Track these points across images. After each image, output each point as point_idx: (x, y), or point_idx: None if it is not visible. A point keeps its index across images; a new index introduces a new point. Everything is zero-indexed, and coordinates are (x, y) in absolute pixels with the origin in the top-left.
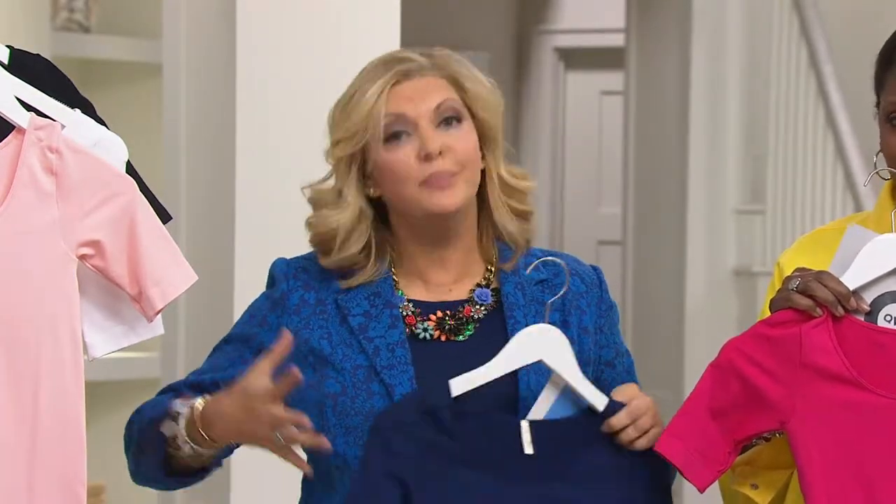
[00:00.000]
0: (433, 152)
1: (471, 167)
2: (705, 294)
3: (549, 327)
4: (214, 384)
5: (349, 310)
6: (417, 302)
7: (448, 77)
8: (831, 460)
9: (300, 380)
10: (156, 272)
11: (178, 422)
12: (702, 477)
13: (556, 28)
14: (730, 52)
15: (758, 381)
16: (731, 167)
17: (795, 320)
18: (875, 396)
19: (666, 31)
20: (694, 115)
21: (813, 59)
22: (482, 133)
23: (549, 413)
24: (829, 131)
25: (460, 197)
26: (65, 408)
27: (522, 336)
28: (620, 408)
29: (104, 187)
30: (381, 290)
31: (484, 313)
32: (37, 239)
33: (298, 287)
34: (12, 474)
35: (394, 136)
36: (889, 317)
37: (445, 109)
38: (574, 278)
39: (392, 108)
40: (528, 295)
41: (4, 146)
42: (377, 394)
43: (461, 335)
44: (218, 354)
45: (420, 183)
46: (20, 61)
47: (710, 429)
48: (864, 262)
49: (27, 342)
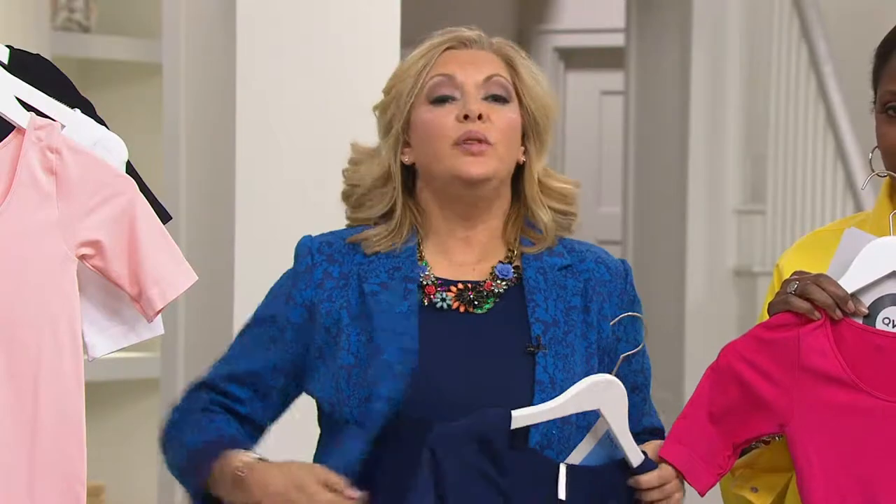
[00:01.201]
0: (473, 113)
1: (506, 145)
2: (705, 294)
3: (614, 380)
4: (251, 374)
5: (367, 277)
6: (439, 277)
7: (504, 57)
8: (830, 463)
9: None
10: (156, 272)
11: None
12: (703, 481)
13: (556, 28)
14: (730, 52)
15: (756, 385)
16: (731, 167)
17: (794, 323)
18: (873, 399)
19: (666, 31)
20: (694, 115)
21: (813, 59)
22: (527, 124)
23: (585, 459)
24: (829, 131)
25: (489, 168)
26: (65, 408)
27: (589, 382)
28: (653, 467)
29: (104, 187)
30: (403, 264)
31: (504, 288)
32: (37, 239)
33: (323, 261)
34: (13, 475)
35: (440, 100)
36: (887, 320)
37: (494, 84)
38: (600, 266)
39: (441, 69)
40: (549, 279)
41: (4, 146)
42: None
43: (480, 308)
44: (246, 338)
45: (454, 143)
46: (20, 61)
47: (710, 433)
48: (862, 265)
49: (27, 342)
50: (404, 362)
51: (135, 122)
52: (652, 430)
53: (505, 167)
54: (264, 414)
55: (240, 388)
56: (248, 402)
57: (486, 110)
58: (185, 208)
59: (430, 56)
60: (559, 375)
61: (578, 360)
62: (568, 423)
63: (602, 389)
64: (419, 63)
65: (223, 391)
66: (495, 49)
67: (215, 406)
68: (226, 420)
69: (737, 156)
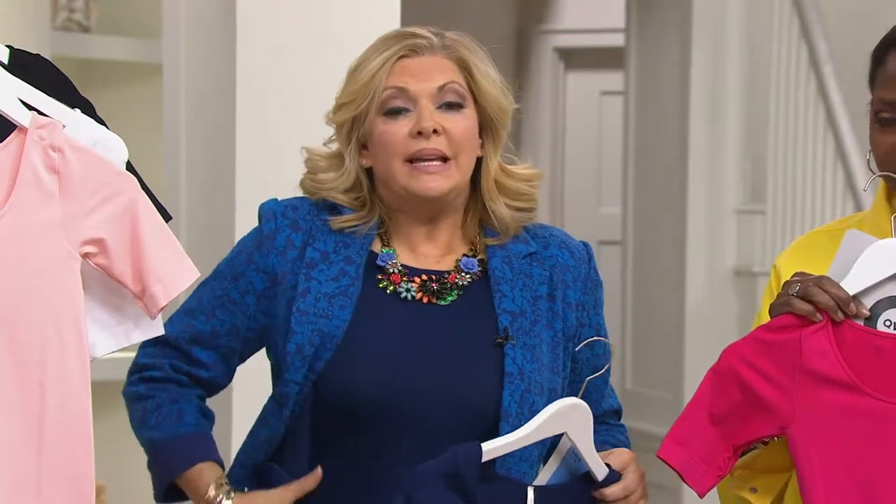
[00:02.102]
0: (427, 130)
1: (465, 153)
2: (705, 294)
3: (579, 403)
4: (212, 335)
5: (313, 242)
6: (405, 265)
7: (457, 59)
8: (831, 464)
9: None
10: (158, 269)
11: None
12: (702, 483)
13: (556, 28)
14: (730, 52)
15: (758, 387)
16: (731, 167)
17: (795, 325)
18: (875, 401)
19: (666, 31)
20: (694, 115)
21: (813, 59)
22: (483, 121)
23: (550, 478)
24: (829, 131)
25: (448, 184)
26: (71, 407)
27: (556, 409)
28: (617, 479)
29: (106, 186)
30: (352, 243)
31: (469, 281)
32: (40, 238)
33: (286, 226)
34: (20, 474)
35: (393, 111)
36: (889, 322)
37: (448, 92)
38: (564, 251)
39: (394, 82)
40: (515, 269)
41: (6, 146)
42: (296, 347)
43: (443, 300)
44: (206, 291)
45: (405, 159)
46: (20, 61)
47: (711, 435)
48: (864, 267)
49: (32, 342)
50: (318, 345)
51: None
52: (612, 411)
53: (465, 176)
54: (224, 376)
55: (202, 351)
56: (209, 367)
57: (441, 121)
58: (185, 208)
59: (384, 67)
60: (527, 366)
61: (545, 350)
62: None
63: (568, 413)
64: (373, 75)
65: (186, 353)
66: (449, 53)
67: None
68: (190, 410)
69: (737, 156)
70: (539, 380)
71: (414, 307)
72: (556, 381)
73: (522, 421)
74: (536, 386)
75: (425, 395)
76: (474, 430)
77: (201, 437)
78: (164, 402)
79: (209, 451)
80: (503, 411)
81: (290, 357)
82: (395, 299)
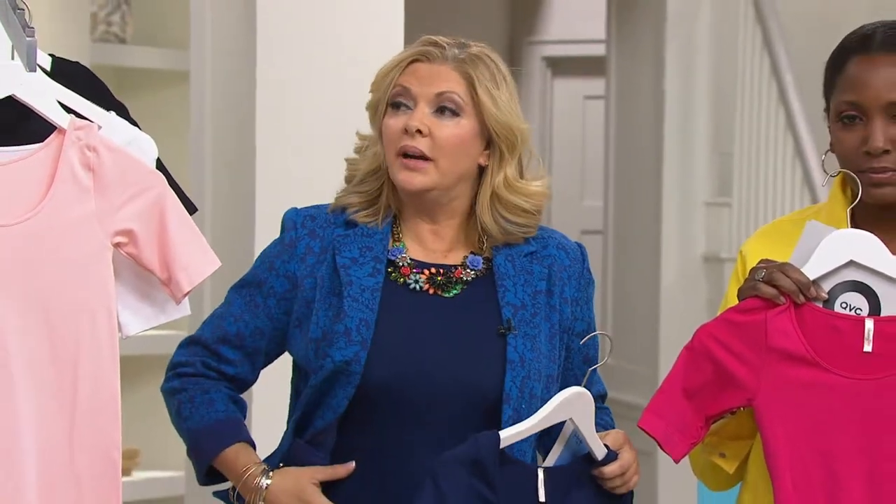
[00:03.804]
0: (411, 128)
1: (449, 157)
2: (678, 278)
3: (584, 392)
4: (239, 336)
5: (340, 250)
6: (414, 259)
7: (462, 72)
8: (793, 433)
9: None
10: (183, 258)
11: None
12: (678, 450)
13: (544, 39)
14: (700, 61)
15: (728, 363)
16: (700, 164)
17: (761, 307)
18: (832, 375)
19: (642, 42)
20: (668, 117)
21: (775, 69)
22: (489, 136)
23: (556, 460)
24: (788, 132)
25: (426, 181)
26: (101, 382)
27: (563, 397)
28: (614, 457)
29: (137, 182)
30: (375, 245)
31: (473, 277)
32: (76, 229)
33: (305, 235)
34: (56, 444)
35: (396, 105)
36: (845, 304)
37: (445, 99)
38: (561, 252)
39: (402, 80)
40: (517, 266)
41: (47, 145)
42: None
43: (448, 292)
44: (235, 299)
45: (395, 153)
46: (61, 68)
47: (685, 406)
48: (823, 255)
49: (68, 326)
50: (361, 331)
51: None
52: (600, 396)
53: (448, 178)
54: (250, 373)
55: (229, 349)
56: (236, 364)
57: (430, 124)
58: (209, 201)
59: (398, 66)
60: (528, 354)
61: (543, 340)
62: (534, 399)
63: (574, 401)
64: (390, 71)
65: (215, 352)
66: (457, 65)
67: (210, 371)
68: (221, 398)
69: (706, 154)
70: (538, 367)
71: (421, 298)
72: (553, 369)
73: (523, 404)
74: (535, 373)
75: (433, 380)
76: (477, 411)
77: (233, 422)
78: (196, 393)
79: (241, 434)
80: (505, 395)
81: (337, 336)
82: (404, 290)
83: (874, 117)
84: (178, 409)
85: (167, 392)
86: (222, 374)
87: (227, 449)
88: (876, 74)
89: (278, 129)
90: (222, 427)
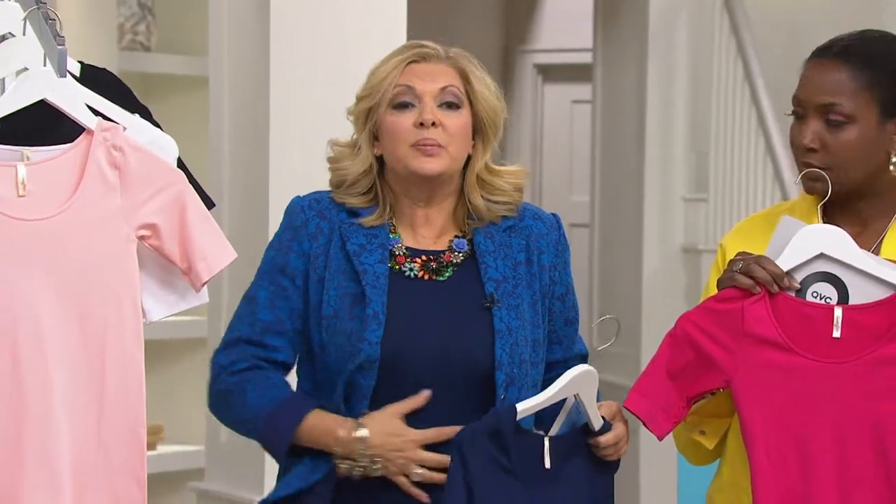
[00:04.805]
0: (427, 121)
1: (457, 145)
2: (659, 268)
3: (590, 370)
4: (278, 321)
5: (348, 238)
6: (408, 247)
7: (458, 69)
8: (769, 413)
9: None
10: (202, 250)
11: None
12: (661, 428)
13: (535, 48)
14: (679, 68)
15: (708, 348)
16: (679, 162)
17: (739, 297)
18: (804, 359)
19: (626, 51)
20: (649, 119)
21: (747, 74)
22: (476, 125)
23: (559, 430)
24: (760, 133)
25: (442, 165)
26: (128, 364)
27: (572, 375)
28: (609, 428)
29: (159, 179)
30: (379, 233)
31: (461, 259)
32: (103, 223)
33: (314, 216)
34: (86, 421)
35: (401, 105)
36: (816, 293)
37: (447, 93)
38: (537, 221)
39: (404, 81)
40: (496, 241)
41: (76, 145)
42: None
43: (441, 276)
44: (257, 291)
45: (411, 145)
46: (90, 74)
47: (668, 388)
48: (796, 248)
49: (97, 313)
50: (379, 317)
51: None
52: (581, 355)
53: (456, 163)
54: (292, 357)
55: (273, 337)
56: (282, 350)
57: (439, 117)
58: (226, 197)
59: (397, 68)
60: (514, 323)
61: (526, 308)
62: (524, 363)
63: (582, 378)
64: (387, 74)
65: (260, 343)
66: (451, 62)
67: (261, 362)
68: (281, 381)
69: (684, 152)
70: (524, 334)
71: (417, 284)
72: (538, 333)
73: (514, 369)
74: (522, 339)
75: (431, 356)
76: (475, 378)
77: (300, 396)
78: (258, 380)
79: (313, 402)
80: (496, 362)
81: (368, 320)
82: (401, 277)
83: (808, 115)
84: (243, 400)
85: (223, 392)
86: (274, 361)
87: (308, 415)
88: (819, 76)
89: (290, 129)
90: (294, 401)
